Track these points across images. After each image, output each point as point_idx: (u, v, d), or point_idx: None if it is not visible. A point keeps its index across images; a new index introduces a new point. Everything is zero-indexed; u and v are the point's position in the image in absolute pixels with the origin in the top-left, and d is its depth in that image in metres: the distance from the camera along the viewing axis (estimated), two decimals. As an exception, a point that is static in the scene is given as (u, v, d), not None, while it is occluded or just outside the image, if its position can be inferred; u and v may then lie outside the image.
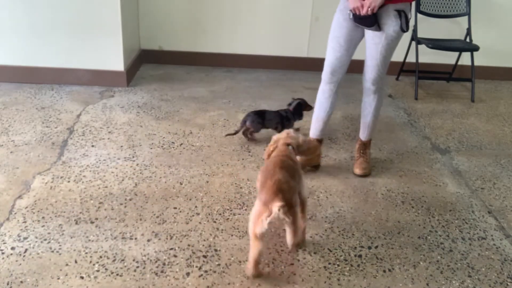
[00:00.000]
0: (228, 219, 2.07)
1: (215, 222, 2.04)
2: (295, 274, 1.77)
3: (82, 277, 1.68)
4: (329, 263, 1.85)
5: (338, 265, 1.84)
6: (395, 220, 2.16)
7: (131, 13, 3.75)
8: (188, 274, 1.74)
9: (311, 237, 1.99)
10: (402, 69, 4.14)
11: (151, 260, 1.79)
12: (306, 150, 1.99)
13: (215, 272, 1.75)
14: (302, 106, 2.87)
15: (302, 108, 2.87)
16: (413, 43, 3.93)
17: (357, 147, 2.62)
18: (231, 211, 2.13)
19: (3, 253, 1.78)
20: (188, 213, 2.09)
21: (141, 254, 1.82)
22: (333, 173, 2.52)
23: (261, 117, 2.76)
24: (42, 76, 3.48)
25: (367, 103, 2.48)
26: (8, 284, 1.63)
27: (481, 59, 4.05)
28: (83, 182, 2.27)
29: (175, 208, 2.12)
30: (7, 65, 3.46)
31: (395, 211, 2.23)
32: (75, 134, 2.75)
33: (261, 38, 4.16)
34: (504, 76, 4.45)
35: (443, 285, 1.78)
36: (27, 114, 2.97)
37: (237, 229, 2.00)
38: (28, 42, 3.40)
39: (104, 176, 2.34)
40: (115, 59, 3.48)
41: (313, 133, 2.59)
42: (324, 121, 2.54)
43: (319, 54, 3.29)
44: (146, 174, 2.38)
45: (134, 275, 1.71)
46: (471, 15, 3.96)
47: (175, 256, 1.82)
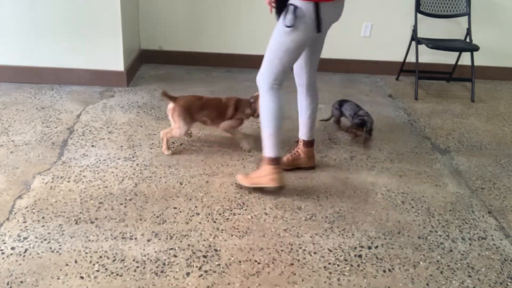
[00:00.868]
0: (228, 219, 2.07)
1: (215, 222, 2.04)
2: (295, 274, 1.77)
3: (82, 277, 1.69)
4: (329, 263, 1.85)
5: (338, 265, 1.84)
6: (395, 220, 2.16)
7: (131, 13, 3.75)
8: (188, 274, 1.74)
9: (311, 237, 1.99)
10: (402, 69, 4.12)
11: (151, 260, 1.79)
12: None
13: (215, 272, 1.76)
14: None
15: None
16: (413, 43, 3.93)
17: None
18: (231, 211, 2.13)
19: (3, 253, 1.78)
20: (188, 213, 2.09)
21: (141, 254, 1.82)
22: (333, 173, 2.53)
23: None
24: (42, 76, 3.49)
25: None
26: (8, 284, 1.63)
27: (481, 59, 4.06)
28: (83, 182, 2.27)
29: (175, 208, 2.12)
30: (7, 65, 3.47)
31: (395, 211, 2.23)
32: (75, 134, 2.75)
33: (261, 38, 4.13)
34: (504, 76, 4.45)
35: (443, 285, 1.78)
36: (27, 114, 2.97)
37: (237, 229, 2.00)
38: (28, 42, 3.40)
39: (104, 176, 2.34)
40: (115, 59, 3.48)
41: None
42: (305, 123, 2.48)
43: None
44: (146, 174, 2.38)
45: (134, 275, 1.71)
46: (471, 15, 3.96)
47: (175, 256, 1.82)
